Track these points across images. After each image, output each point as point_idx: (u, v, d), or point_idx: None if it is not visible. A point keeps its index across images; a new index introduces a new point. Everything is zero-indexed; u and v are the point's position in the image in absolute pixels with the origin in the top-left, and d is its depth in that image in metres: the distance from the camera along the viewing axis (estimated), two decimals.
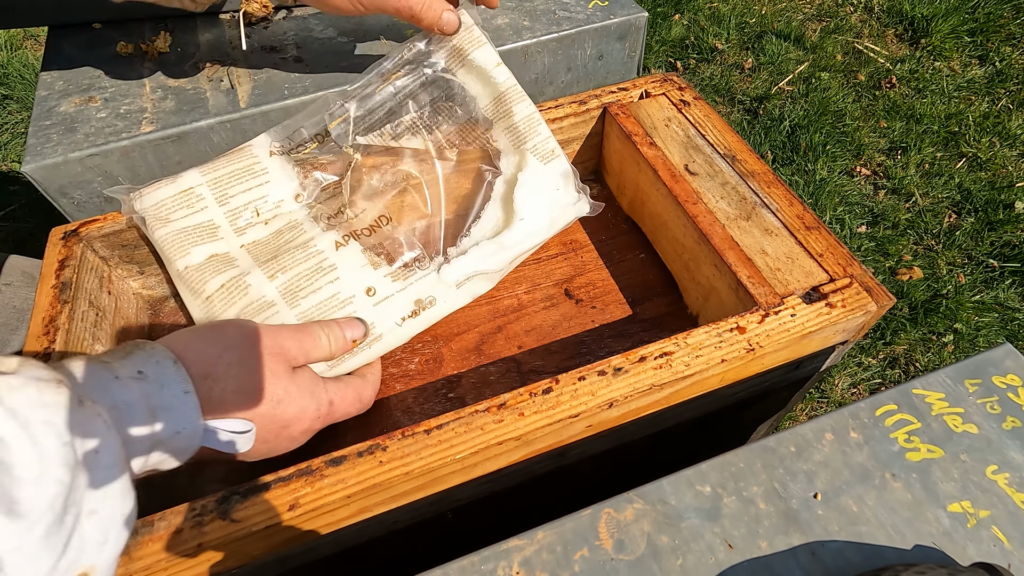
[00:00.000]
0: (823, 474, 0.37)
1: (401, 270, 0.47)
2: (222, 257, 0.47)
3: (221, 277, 0.45)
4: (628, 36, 0.64)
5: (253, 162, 0.49)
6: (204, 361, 0.34)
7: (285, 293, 0.45)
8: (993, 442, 0.38)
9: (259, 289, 0.45)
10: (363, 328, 0.44)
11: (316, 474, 0.35)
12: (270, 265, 0.46)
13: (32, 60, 1.90)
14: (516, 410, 0.37)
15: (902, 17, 1.94)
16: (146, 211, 0.46)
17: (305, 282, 0.45)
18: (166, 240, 0.46)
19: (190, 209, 0.47)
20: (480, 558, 0.34)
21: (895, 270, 1.36)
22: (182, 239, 0.46)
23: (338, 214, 0.49)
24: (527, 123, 0.51)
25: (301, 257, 0.46)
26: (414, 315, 0.47)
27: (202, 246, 0.46)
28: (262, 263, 0.46)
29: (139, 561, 0.32)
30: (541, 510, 0.41)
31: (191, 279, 0.46)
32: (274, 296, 0.45)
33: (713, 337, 0.41)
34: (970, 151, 1.57)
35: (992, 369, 0.42)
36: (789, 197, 0.49)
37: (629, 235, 0.59)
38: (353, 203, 0.50)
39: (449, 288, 0.48)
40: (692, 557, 0.34)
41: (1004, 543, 0.35)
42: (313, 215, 0.49)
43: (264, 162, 0.49)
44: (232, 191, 0.48)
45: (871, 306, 0.42)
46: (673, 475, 0.37)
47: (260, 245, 0.48)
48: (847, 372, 1.24)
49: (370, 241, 0.48)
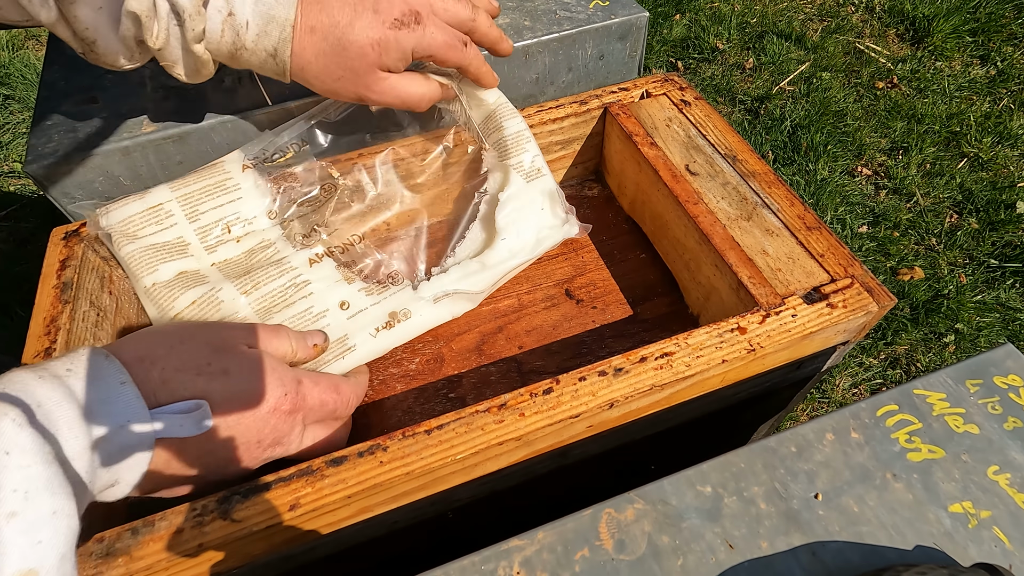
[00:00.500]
0: (824, 474, 0.37)
1: (375, 285, 0.47)
2: (192, 274, 0.46)
3: (192, 293, 0.44)
4: (629, 36, 0.64)
5: (225, 177, 0.48)
6: (139, 347, 0.33)
7: (259, 309, 0.44)
8: (994, 442, 0.38)
9: (232, 304, 0.44)
10: (323, 335, 0.42)
11: (317, 474, 0.35)
12: (243, 281, 0.45)
13: (34, 60, 1.90)
14: (517, 410, 0.37)
15: (903, 17, 1.94)
16: (112, 227, 0.45)
17: (279, 298, 0.45)
18: (133, 257, 0.45)
19: (159, 226, 0.46)
20: (481, 558, 0.34)
21: (896, 270, 1.36)
22: (150, 255, 0.45)
23: (311, 233, 0.49)
24: (515, 139, 0.51)
25: (275, 273, 0.46)
26: (388, 326, 0.46)
27: (171, 263, 0.45)
28: (234, 279, 0.45)
29: (140, 561, 0.32)
30: (542, 510, 0.41)
31: (159, 296, 0.44)
32: (247, 312, 0.44)
33: (714, 337, 0.41)
34: (971, 151, 1.57)
35: (993, 369, 0.42)
36: (790, 197, 0.49)
37: (630, 235, 0.59)
38: (329, 223, 0.50)
39: (426, 303, 0.47)
40: (693, 557, 0.34)
41: (1005, 544, 0.34)
42: (286, 234, 0.49)
43: (236, 177, 0.48)
44: (203, 207, 0.47)
45: (872, 306, 0.42)
46: (674, 475, 0.37)
47: (231, 264, 0.47)
48: (848, 372, 1.23)
49: (344, 258, 0.48)
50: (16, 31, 1.98)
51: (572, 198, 0.62)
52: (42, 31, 1.98)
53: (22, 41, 1.98)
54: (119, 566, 0.32)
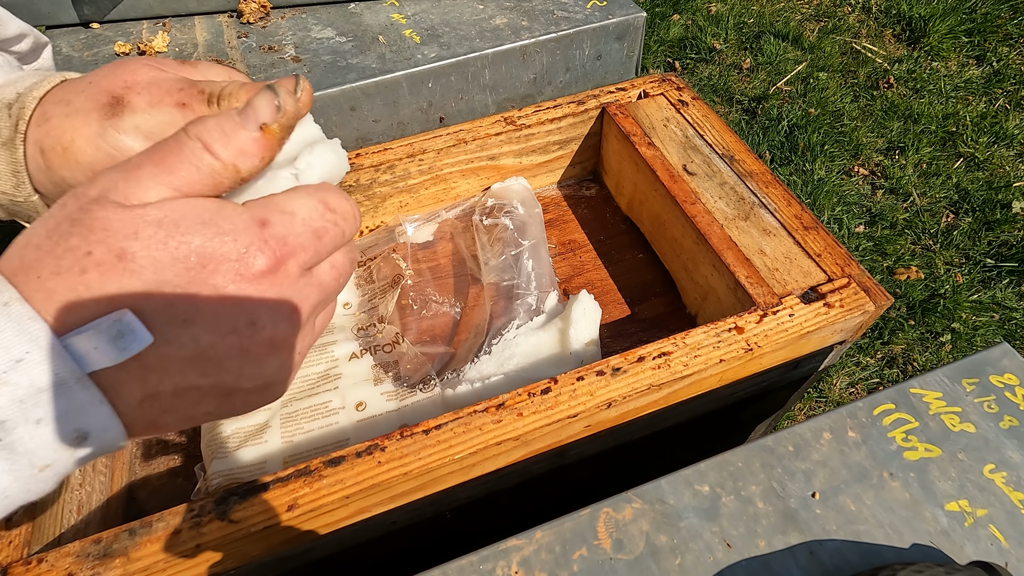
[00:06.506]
0: (821, 473, 0.37)
1: (404, 389, 0.46)
2: None
3: None
4: (626, 36, 0.64)
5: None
6: (22, 253, 0.21)
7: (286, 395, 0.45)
8: (990, 441, 0.38)
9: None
10: (291, 83, 0.25)
11: (315, 475, 0.35)
12: None
13: None
14: (515, 410, 0.37)
15: (900, 17, 1.94)
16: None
17: (307, 385, 0.46)
18: None
19: None
20: (479, 558, 0.34)
21: (893, 270, 1.37)
22: None
23: (369, 327, 0.50)
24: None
25: (315, 359, 0.47)
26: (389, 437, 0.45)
27: None
28: None
29: (138, 562, 0.32)
30: (540, 510, 0.41)
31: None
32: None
33: (711, 337, 0.41)
34: (967, 151, 1.58)
35: (989, 368, 0.42)
36: (787, 197, 0.49)
37: (627, 235, 0.59)
38: (391, 318, 0.51)
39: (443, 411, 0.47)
40: (690, 556, 0.34)
41: (1001, 541, 0.35)
42: (349, 324, 0.50)
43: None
44: None
45: (869, 306, 0.42)
46: (672, 475, 0.37)
47: None
48: (845, 372, 1.24)
49: (386, 357, 0.48)
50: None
51: (570, 198, 0.62)
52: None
53: None
54: (116, 567, 0.32)
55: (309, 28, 0.69)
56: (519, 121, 0.55)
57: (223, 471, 0.41)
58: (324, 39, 0.67)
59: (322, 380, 0.46)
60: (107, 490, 0.42)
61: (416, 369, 0.47)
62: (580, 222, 0.60)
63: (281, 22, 0.70)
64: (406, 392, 0.46)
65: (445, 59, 0.65)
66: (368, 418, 0.45)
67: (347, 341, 0.49)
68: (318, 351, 0.48)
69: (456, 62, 0.66)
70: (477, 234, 0.55)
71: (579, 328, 0.47)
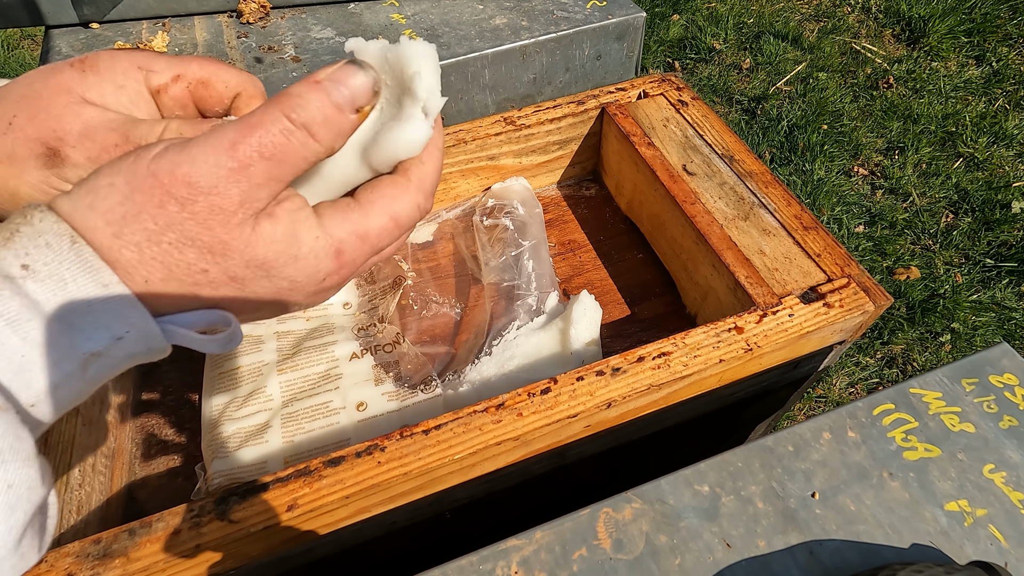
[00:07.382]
0: (821, 473, 0.37)
1: (405, 389, 0.46)
2: (253, 338, 0.48)
3: (244, 359, 0.47)
4: (626, 36, 0.64)
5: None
6: (112, 216, 0.23)
7: (286, 395, 0.45)
8: (990, 441, 0.38)
9: (268, 379, 0.46)
10: (356, 79, 0.25)
11: (314, 475, 0.35)
12: (287, 360, 0.47)
13: (29, 60, 1.89)
14: (514, 410, 0.37)
15: (899, 17, 1.95)
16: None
17: (308, 386, 0.46)
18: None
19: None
20: (479, 558, 0.34)
21: (893, 270, 1.37)
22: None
23: (370, 327, 0.50)
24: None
25: (315, 359, 0.47)
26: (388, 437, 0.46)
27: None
28: (281, 357, 0.47)
29: (137, 562, 0.32)
30: (540, 510, 0.41)
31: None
32: (275, 392, 0.45)
33: (711, 337, 0.41)
34: (967, 151, 1.58)
35: (989, 368, 0.42)
36: (787, 197, 0.49)
37: (627, 235, 0.59)
38: (392, 318, 0.51)
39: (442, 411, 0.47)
40: (690, 556, 0.34)
41: (1001, 541, 0.35)
42: (350, 324, 0.50)
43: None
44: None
45: (869, 306, 0.42)
46: (671, 475, 0.37)
47: (291, 336, 0.49)
48: (845, 372, 1.24)
49: (387, 357, 0.48)
50: (11, 31, 1.97)
51: (570, 198, 0.62)
52: (38, 30, 1.97)
53: (17, 40, 1.97)
54: (116, 567, 0.32)
55: (309, 28, 0.69)
56: (519, 121, 0.55)
57: (224, 471, 0.41)
58: (324, 39, 0.67)
59: (323, 380, 0.46)
60: (107, 490, 0.42)
61: (417, 369, 0.47)
62: (580, 222, 0.60)
63: (281, 22, 0.70)
64: (407, 392, 0.46)
65: (445, 59, 0.66)
66: (369, 418, 0.45)
67: (348, 341, 0.49)
68: (318, 351, 0.48)
69: (456, 62, 0.66)
70: (477, 234, 0.55)
71: (580, 328, 0.47)
